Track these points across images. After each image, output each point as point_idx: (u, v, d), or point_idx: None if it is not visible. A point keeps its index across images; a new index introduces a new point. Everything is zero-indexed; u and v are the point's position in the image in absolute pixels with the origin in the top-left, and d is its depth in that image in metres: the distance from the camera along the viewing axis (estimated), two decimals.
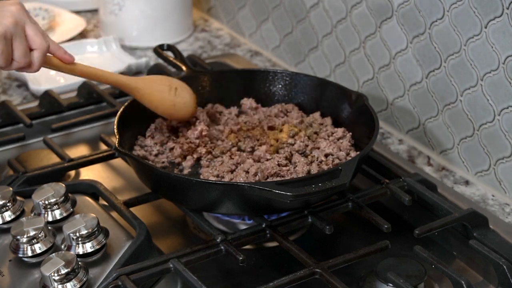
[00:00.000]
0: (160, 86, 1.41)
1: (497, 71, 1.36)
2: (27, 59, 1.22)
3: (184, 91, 1.44)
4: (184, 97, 1.43)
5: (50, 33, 1.91)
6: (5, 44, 1.18)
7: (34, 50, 1.22)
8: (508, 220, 1.36)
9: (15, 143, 1.58)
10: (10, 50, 1.20)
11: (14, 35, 1.19)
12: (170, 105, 1.41)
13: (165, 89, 1.41)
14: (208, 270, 1.28)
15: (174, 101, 1.41)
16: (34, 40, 1.21)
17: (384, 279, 1.20)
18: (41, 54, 1.22)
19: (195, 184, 1.25)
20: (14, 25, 1.19)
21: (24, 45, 1.20)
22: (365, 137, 1.39)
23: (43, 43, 1.22)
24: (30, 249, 1.21)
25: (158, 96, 1.40)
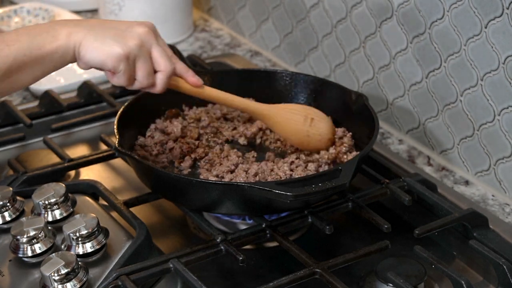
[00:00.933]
0: (294, 115, 1.39)
1: (497, 71, 1.36)
2: (150, 80, 1.23)
3: (321, 122, 1.40)
4: (320, 128, 1.40)
5: None
6: (127, 65, 1.20)
7: (159, 72, 1.24)
8: (508, 220, 1.36)
9: (15, 143, 1.58)
10: (133, 71, 1.21)
11: (137, 57, 1.21)
12: (303, 136, 1.38)
13: (300, 119, 1.39)
14: (208, 270, 1.28)
15: (309, 132, 1.38)
16: (159, 63, 1.23)
17: (384, 279, 1.20)
18: (164, 76, 1.24)
19: (195, 184, 1.25)
20: (138, 47, 1.21)
21: (147, 67, 1.22)
22: (365, 137, 1.39)
23: (168, 66, 1.24)
24: (30, 249, 1.21)
25: (291, 126, 1.38)
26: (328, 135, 1.40)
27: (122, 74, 1.20)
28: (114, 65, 1.19)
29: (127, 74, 1.21)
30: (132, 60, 1.21)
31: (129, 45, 1.20)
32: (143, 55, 1.21)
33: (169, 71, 1.24)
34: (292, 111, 1.41)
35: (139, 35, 1.22)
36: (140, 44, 1.21)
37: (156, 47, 1.23)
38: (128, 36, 1.21)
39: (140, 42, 1.21)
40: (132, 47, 1.20)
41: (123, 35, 1.21)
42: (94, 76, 1.71)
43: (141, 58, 1.21)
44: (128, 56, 1.19)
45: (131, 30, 1.22)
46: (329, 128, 1.41)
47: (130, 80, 1.22)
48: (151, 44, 1.23)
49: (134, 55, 1.20)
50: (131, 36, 1.21)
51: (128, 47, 1.20)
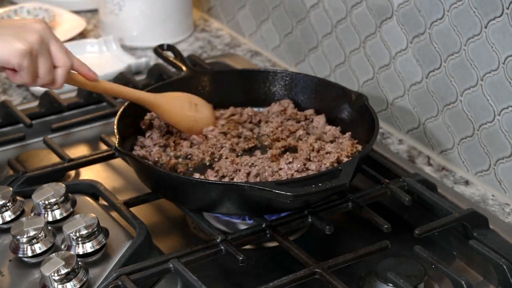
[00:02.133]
0: (181, 102, 1.44)
1: (497, 71, 1.36)
2: (51, 76, 1.24)
3: (203, 107, 1.47)
4: (204, 113, 1.46)
5: None
6: (31, 61, 1.20)
7: (58, 68, 1.24)
8: (508, 220, 1.36)
9: (15, 143, 1.58)
10: (36, 67, 1.22)
11: (39, 52, 1.21)
12: (191, 121, 1.44)
13: (186, 106, 1.44)
14: (208, 270, 1.28)
15: (195, 117, 1.44)
16: (58, 58, 1.24)
17: (384, 279, 1.20)
18: (64, 71, 1.25)
19: (195, 184, 1.25)
20: (39, 43, 1.21)
21: (48, 63, 1.22)
22: (365, 137, 1.39)
23: (67, 61, 1.24)
24: (30, 249, 1.21)
25: (179, 112, 1.43)
26: (212, 119, 1.47)
27: (26, 71, 1.20)
28: (18, 61, 1.19)
29: (31, 70, 1.21)
30: (35, 55, 1.20)
31: (29, 40, 1.20)
32: (44, 51, 1.22)
33: (68, 65, 1.25)
34: (176, 98, 1.45)
35: (38, 30, 1.22)
36: (40, 39, 1.21)
37: (55, 43, 1.23)
38: (27, 31, 1.21)
39: (40, 37, 1.21)
40: (33, 43, 1.20)
41: (22, 31, 1.21)
42: None
43: (42, 53, 1.21)
44: (30, 51, 1.19)
45: (29, 27, 1.22)
46: (211, 114, 1.47)
47: (33, 77, 1.22)
48: (50, 39, 1.23)
49: (36, 51, 1.20)
50: (30, 31, 1.21)
51: (30, 43, 1.19)
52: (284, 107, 1.51)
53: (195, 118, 1.44)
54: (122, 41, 1.89)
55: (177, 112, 1.43)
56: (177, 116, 1.43)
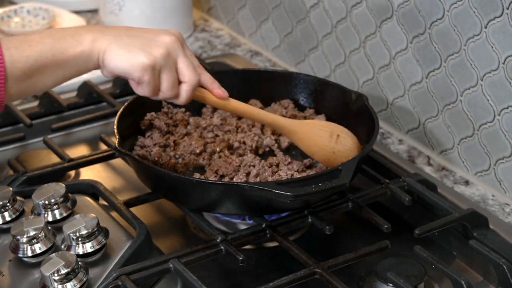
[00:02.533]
0: (320, 131, 1.36)
1: (497, 71, 1.36)
2: (174, 91, 1.20)
3: (347, 138, 1.37)
4: (346, 145, 1.36)
5: None
6: (153, 75, 1.17)
7: (183, 83, 1.20)
8: (508, 220, 1.36)
9: (15, 143, 1.58)
10: (158, 81, 1.18)
11: (163, 67, 1.18)
12: (329, 152, 1.35)
13: (326, 135, 1.36)
14: (208, 270, 1.28)
15: (334, 148, 1.35)
16: (184, 74, 1.20)
17: (384, 279, 1.20)
18: (189, 88, 1.21)
19: (195, 184, 1.25)
20: (164, 57, 1.17)
21: (172, 78, 1.19)
22: (365, 137, 1.39)
23: (193, 78, 1.20)
24: (30, 249, 1.21)
25: (316, 142, 1.35)
26: (354, 152, 1.36)
27: (146, 84, 1.17)
28: (139, 75, 1.16)
29: (152, 84, 1.18)
30: (158, 70, 1.17)
31: (155, 54, 1.16)
32: (169, 66, 1.18)
33: (194, 83, 1.21)
34: (317, 126, 1.38)
35: (166, 44, 1.18)
36: (166, 54, 1.17)
37: (182, 58, 1.20)
38: (154, 45, 1.17)
39: (166, 52, 1.18)
40: (158, 57, 1.17)
41: (149, 44, 1.17)
42: (94, 76, 1.71)
43: (166, 68, 1.18)
44: (153, 66, 1.16)
45: (157, 39, 1.18)
46: (355, 146, 1.38)
47: (155, 91, 1.19)
48: (178, 54, 1.19)
49: (159, 65, 1.17)
50: (157, 45, 1.18)
51: (154, 57, 1.16)
52: (284, 107, 1.51)
53: (334, 150, 1.35)
54: None
55: (314, 142, 1.35)
56: (313, 145, 1.35)
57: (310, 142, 1.35)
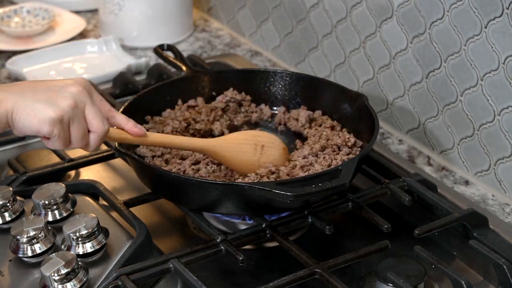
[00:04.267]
0: (243, 146, 1.35)
1: (497, 71, 1.36)
2: (84, 141, 1.18)
3: (272, 148, 1.37)
4: (271, 155, 1.36)
5: (50, 33, 1.92)
6: (62, 129, 1.15)
7: (91, 133, 1.19)
8: (508, 220, 1.36)
9: (15, 143, 1.58)
10: (68, 134, 1.16)
11: (72, 119, 1.16)
12: (255, 166, 1.34)
13: (250, 149, 1.35)
14: (208, 270, 1.28)
15: (260, 161, 1.34)
16: (92, 124, 1.18)
17: (384, 279, 1.20)
18: (97, 137, 1.19)
19: (195, 184, 1.25)
20: (72, 108, 1.15)
21: (81, 129, 1.17)
22: (365, 137, 1.39)
23: (100, 127, 1.18)
24: (30, 249, 1.21)
25: (241, 159, 1.34)
26: (281, 161, 1.36)
27: (57, 138, 1.15)
28: (48, 130, 1.13)
29: (62, 137, 1.15)
30: (66, 122, 1.15)
31: (62, 107, 1.14)
32: (77, 117, 1.16)
33: (102, 132, 1.19)
34: (241, 141, 1.36)
35: (72, 95, 1.16)
36: (73, 105, 1.15)
37: (90, 108, 1.17)
38: (61, 97, 1.15)
39: (74, 103, 1.15)
40: (65, 109, 1.14)
41: (56, 97, 1.15)
42: (94, 76, 1.71)
43: (75, 120, 1.16)
44: (62, 119, 1.14)
45: (64, 91, 1.16)
46: (282, 153, 1.38)
47: (66, 143, 1.17)
48: (85, 104, 1.17)
49: (68, 118, 1.15)
50: (64, 96, 1.15)
51: (61, 110, 1.14)
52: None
53: (259, 163, 1.34)
54: (122, 41, 1.89)
55: (239, 159, 1.34)
56: (237, 163, 1.34)
57: (235, 160, 1.34)
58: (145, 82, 1.69)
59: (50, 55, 1.81)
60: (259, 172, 1.31)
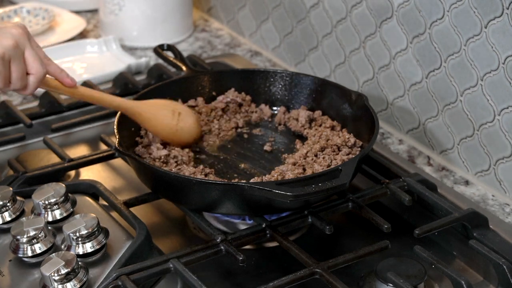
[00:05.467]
0: (163, 111, 1.42)
1: (497, 71, 1.36)
2: (23, 82, 1.23)
3: (188, 116, 1.44)
4: (187, 122, 1.43)
5: (50, 33, 1.92)
6: (3, 66, 1.19)
7: (31, 75, 1.23)
8: (508, 220, 1.36)
9: (15, 143, 1.58)
10: (8, 72, 1.21)
11: (12, 58, 1.20)
12: (172, 131, 1.41)
13: (169, 114, 1.41)
14: (208, 270, 1.28)
15: (177, 126, 1.41)
16: (31, 66, 1.23)
17: (384, 279, 1.20)
18: (36, 79, 1.24)
19: (195, 184, 1.25)
20: (13, 48, 1.20)
21: (21, 69, 1.22)
22: (365, 137, 1.39)
23: (40, 70, 1.23)
24: (30, 249, 1.21)
25: (160, 121, 1.40)
26: (196, 128, 1.44)
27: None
28: None
29: (2, 75, 1.19)
30: (7, 60, 1.19)
31: (4, 45, 1.19)
32: (17, 56, 1.20)
33: (40, 74, 1.23)
34: (161, 105, 1.43)
35: (13, 35, 1.21)
36: (15, 45, 1.20)
37: (30, 50, 1.22)
38: (2, 37, 1.20)
39: (15, 43, 1.20)
40: (7, 47, 1.19)
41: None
42: (94, 76, 1.71)
43: (16, 59, 1.20)
44: (3, 56, 1.18)
45: (5, 31, 1.21)
46: (196, 122, 1.44)
47: (5, 82, 1.21)
48: (25, 46, 1.22)
49: (8, 56, 1.19)
50: (6, 36, 1.20)
51: (3, 47, 1.19)
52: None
53: (177, 128, 1.41)
54: (122, 41, 1.89)
55: (158, 121, 1.40)
56: (158, 125, 1.40)
57: (155, 122, 1.40)
58: (145, 82, 1.69)
59: (50, 55, 1.78)
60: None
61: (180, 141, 1.42)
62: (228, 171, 1.38)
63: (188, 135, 1.43)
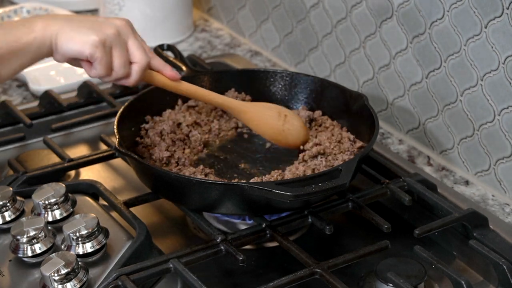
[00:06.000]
0: (269, 111, 1.41)
1: (497, 71, 1.36)
2: (126, 70, 1.23)
3: (294, 119, 1.42)
4: (294, 124, 1.41)
5: None
6: (104, 52, 1.20)
7: (134, 64, 1.24)
8: (508, 220, 1.36)
9: (15, 143, 1.58)
10: (110, 59, 1.22)
11: (114, 45, 1.21)
12: (278, 131, 1.40)
13: (274, 115, 1.41)
14: (208, 270, 1.28)
15: (283, 127, 1.40)
16: (134, 54, 1.24)
17: (384, 279, 1.20)
18: (140, 68, 1.24)
19: (195, 184, 1.25)
20: (115, 36, 1.21)
21: (124, 56, 1.22)
22: (365, 137, 1.39)
23: (143, 58, 1.24)
24: (30, 249, 1.21)
25: (266, 121, 1.40)
26: (302, 131, 1.42)
27: (99, 62, 1.20)
28: (91, 51, 1.19)
29: (104, 61, 1.21)
30: (109, 47, 1.21)
31: (105, 32, 1.20)
32: (119, 44, 1.22)
33: (144, 63, 1.24)
34: (266, 107, 1.43)
35: (116, 26, 1.23)
36: (116, 33, 1.21)
37: (133, 39, 1.24)
38: (104, 25, 1.22)
39: (116, 31, 1.22)
40: (108, 34, 1.20)
41: (100, 24, 1.22)
42: None
43: (117, 46, 1.21)
44: (104, 42, 1.20)
45: (108, 22, 1.23)
46: (303, 126, 1.43)
47: (108, 69, 1.22)
48: (128, 35, 1.24)
49: (110, 42, 1.21)
50: (108, 25, 1.22)
51: (104, 34, 1.20)
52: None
53: (283, 128, 1.40)
54: None
55: (264, 121, 1.40)
56: (263, 125, 1.40)
57: (260, 121, 1.40)
58: (145, 82, 1.68)
59: None
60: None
61: (286, 142, 1.41)
62: (228, 171, 1.38)
63: (295, 137, 1.41)
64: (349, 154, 1.37)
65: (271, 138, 1.41)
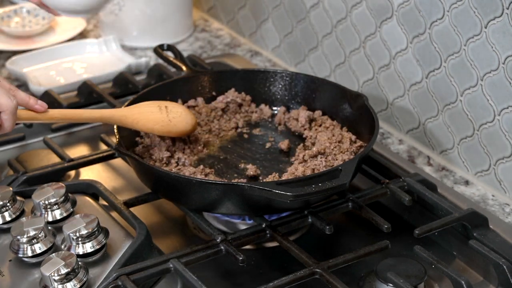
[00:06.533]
0: (149, 108, 1.39)
1: (497, 71, 1.36)
2: None
3: (175, 107, 1.41)
4: (177, 111, 1.40)
5: (50, 33, 1.92)
6: None
7: (2, 112, 1.18)
8: (508, 220, 1.36)
9: (15, 143, 1.58)
10: None
11: None
12: (165, 123, 1.38)
13: (155, 110, 1.39)
14: (208, 270, 1.28)
15: (168, 117, 1.39)
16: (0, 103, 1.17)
17: (384, 279, 1.20)
18: (8, 115, 1.18)
19: (195, 184, 1.25)
20: None
21: None
22: (365, 137, 1.39)
23: (9, 104, 1.18)
24: (30, 249, 1.21)
25: (150, 117, 1.37)
26: (189, 115, 1.41)
27: None
28: None
29: None
30: None
31: None
32: None
33: (11, 109, 1.18)
34: (144, 105, 1.40)
35: None
36: None
37: None
38: None
39: None
40: None
41: None
42: (94, 76, 1.71)
43: None
44: None
45: None
46: (186, 110, 1.42)
47: None
48: None
49: None
50: None
51: None
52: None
53: (169, 119, 1.38)
54: (122, 41, 1.89)
55: (148, 118, 1.37)
56: (149, 122, 1.37)
57: (144, 120, 1.37)
58: (145, 82, 1.69)
59: (50, 55, 1.81)
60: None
61: (178, 130, 1.40)
62: (228, 171, 1.38)
63: (184, 123, 1.40)
64: (349, 154, 1.37)
65: (161, 132, 1.39)
